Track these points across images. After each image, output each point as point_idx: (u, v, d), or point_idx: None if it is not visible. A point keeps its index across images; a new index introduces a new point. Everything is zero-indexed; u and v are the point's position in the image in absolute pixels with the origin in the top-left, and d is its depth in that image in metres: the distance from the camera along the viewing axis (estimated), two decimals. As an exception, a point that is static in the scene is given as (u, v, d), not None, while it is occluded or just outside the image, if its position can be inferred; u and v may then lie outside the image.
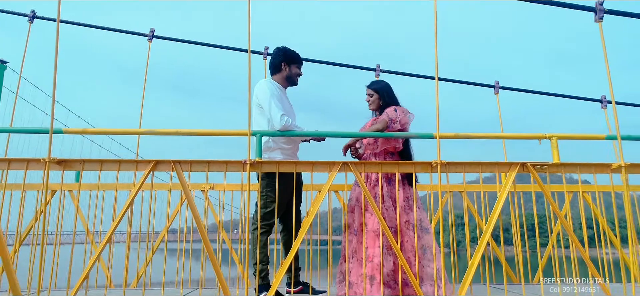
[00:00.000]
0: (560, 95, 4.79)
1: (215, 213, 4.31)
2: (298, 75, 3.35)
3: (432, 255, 2.93)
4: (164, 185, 3.89)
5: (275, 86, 3.22)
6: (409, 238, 2.96)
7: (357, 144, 3.28)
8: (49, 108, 4.07)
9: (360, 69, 5.19)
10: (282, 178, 2.99)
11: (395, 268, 2.93)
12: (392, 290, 2.90)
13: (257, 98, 3.17)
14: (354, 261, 3.00)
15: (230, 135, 3.12)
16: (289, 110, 3.18)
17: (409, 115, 3.23)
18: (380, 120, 3.13)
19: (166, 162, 2.88)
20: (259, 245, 2.94)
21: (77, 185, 3.65)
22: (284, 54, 3.30)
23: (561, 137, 3.13)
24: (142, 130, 3.50)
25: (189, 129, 3.14)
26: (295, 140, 3.21)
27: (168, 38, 4.83)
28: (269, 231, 3.08)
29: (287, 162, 2.98)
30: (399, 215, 2.95)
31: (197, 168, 2.91)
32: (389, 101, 3.28)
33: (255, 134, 2.97)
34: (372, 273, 2.88)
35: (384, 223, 2.83)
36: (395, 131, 3.14)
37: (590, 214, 4.37)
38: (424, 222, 3.04)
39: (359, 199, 3.08)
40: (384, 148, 3.16)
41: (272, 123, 3.05)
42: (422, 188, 3.97)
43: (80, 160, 2.90)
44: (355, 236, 3.05)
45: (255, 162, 2.86)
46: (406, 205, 3.03)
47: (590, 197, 4.35)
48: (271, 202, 3.04)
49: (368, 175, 3.10)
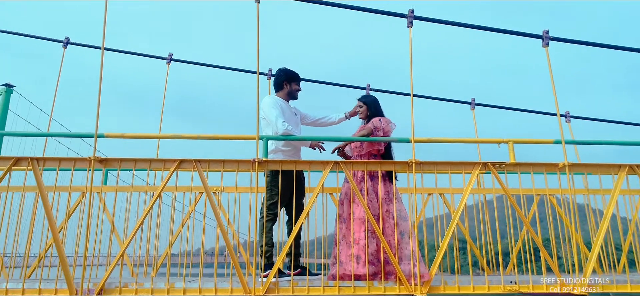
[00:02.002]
0: (525, 110, 5.44)
1: (225, 211, 4.90)
2: (297, 91, 4.00)
3: (409, 239, 3.51)
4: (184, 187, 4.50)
5: (278, 100, 3.87)
6: (389, 225, 3.55)
7: (346, 148, 3.91)
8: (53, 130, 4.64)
9: (353, 88, 5.87)
10: (284, 175, 3.60)
11: (378, 249, 3.51)
12: (375, 267, 3.48)
13: (263, 111, 3.81)
14: (343, 244, 3.58)
15: (242, 139, 3.74)
16: (290, 120, 3.82)
17: (391, 124, 3.87)
18: (366, 127, 3.77)
19: (188, 161, 3.50)
20: (265, 230, 3.53)
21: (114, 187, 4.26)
22: (285, 74, 3.96)
23: (516, 141, 3.75)
24: (164, 134, 4.12)
25: (208, 134, 3.76)
26: (295, 144, 3.84)
27: (185, 61, 5.52)
28: (274, 220, 3.67)
29: (289, 161, 3.60)
30: (381, 205, 3.55)
31: (214, 167, 3.53)
32: (374, 112, 3.92)
33: (262, 138, 3.60)
34: (358, 253, 3.47)
35: (368, 212, 3.43)
36: (379, 136, 3.77)
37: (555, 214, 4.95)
38: (402, 212, 3.63)
39: (347, 193, 3.69)
40: (369, 151, 3.78)
41: (275, 129, 3.68)
42: (410, 190, 4.57)
43: (118, 159, 3.52)
44: (344, 224, 3.64)
45: (262, 161, 3.48)
46: (387, 197, 3.64)
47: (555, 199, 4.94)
48: (275, 195, 3.64)
49: (355, 172, 3.71)
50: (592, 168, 3.75)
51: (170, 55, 5.51)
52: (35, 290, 3.25)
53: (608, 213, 3.61)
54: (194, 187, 4.50)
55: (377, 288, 3.37)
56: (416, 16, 3.72)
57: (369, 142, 3.75)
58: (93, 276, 3.35)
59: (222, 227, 3.48)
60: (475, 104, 5.48)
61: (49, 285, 3.31)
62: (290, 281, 3.39)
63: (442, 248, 3.47)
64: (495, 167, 3.64)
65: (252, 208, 3.56)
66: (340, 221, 3.69)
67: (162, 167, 3.52)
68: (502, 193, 3.83)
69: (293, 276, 3.67)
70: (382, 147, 3.83)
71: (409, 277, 3.36)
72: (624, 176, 3.66)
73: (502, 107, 5.55)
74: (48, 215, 3.32)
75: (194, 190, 4.61)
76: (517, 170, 3.68)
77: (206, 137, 3.72)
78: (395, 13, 3.70)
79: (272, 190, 3.66)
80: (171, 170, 3.47)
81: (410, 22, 3.69)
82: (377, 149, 3.80)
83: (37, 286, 3.27)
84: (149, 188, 4.00)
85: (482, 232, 4.54)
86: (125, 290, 3.29)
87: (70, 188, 3.63)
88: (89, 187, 3.35)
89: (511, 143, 3.72)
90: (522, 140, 3.85)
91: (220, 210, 4.84)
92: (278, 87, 3.99)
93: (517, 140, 3.76)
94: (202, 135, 3.70)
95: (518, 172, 3.70)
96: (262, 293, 3.26)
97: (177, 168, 3.49)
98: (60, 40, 5.45)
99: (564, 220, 4.23)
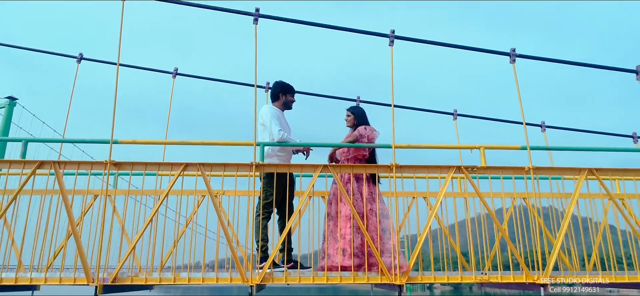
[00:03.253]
0: (503, 120, 5.88)
1: (225, 213, 5.30)
2: (292, 102, 4.45)
3: (390, 235, 3.92)
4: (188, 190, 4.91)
5: (275, 110, 4.31)
6: (372, 222, 3.96)
7: (336, 153, 4.34)
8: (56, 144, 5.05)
9: (345, 100, 6.33)
10: (278, 177, 4.02)
11: (363, 243, 3.92)
12: (360, 259, 3.89)
13: (261, 118, 4.25)
14: (331, 239, 3.99)
15: (241, 145, 4.16)
16: (285, 127, 4.25)
17: (374, 132, 4.30)
18: (353, 134, 4.21)
19: (193, 164, 3.92)
20: (261, 227, 3.95)
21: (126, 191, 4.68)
22: (281, 86, 4.41)
23: (487, 147, 4.18)
24: (170, 141, 4.55)
25: (210, 140, 4.19)
26: (288, 150, 4.27)
27: (190, 75, 5.98)
28: (268, 218, 4.08)
29: (283, 165, 4.03)
30: (365, 204, 3.97)
31: (216, 169, 3.95)
32: (360, 121, 4.36)
33: (259, 144, 4.03)
34: (345, 247, 3.88)
35: (354, 210, 3.84)
36: (364, 142, 4.21)
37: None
38: (384, 211, 4.05)
39: (335, 193, 4.11)
40: (355, 155, 4.22)
41: (272, 136, 4.12)
42: (390, 194, 4.99)
43: (130, 163, 3.94)
44: (332, 221, 4.05)
45: (259, 164, 3.90)
46: (370, 197, 4.06)
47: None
48: (270, 195, 4.06)
49: (342, 175, 4.14)
50: (555, 172, 4.18)
51: (175, 70, 5.96)
52: (56, 279, 3.66)
53: (568, 213, 4.02)
54: (198, 191, 4.91)
55: (361, 278, 3.78)
56: (397, 36, 4.18)
57: (355, 147, 4.18)
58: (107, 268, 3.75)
59: (223, 223, 3.89)
60: (457, 115, 5.93)
61: (68, 274, 3.71)
62: (283, 271, 3.79)
63: (419, 243, 3.87)
64: (468, 170, 4.06)
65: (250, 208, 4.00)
66: (328, 218, 4.10)
67: (170, 169, 3.94)
68: (475, 196, 4.25)
69: (286, 269, 4.07)
70: (367, 152, 4.26)
71: (390, 268, 3.75)
72: (584, 179, 4.08)
73: (481, 117, 5.99)
74: (68, 212, 3.73)
75: (197, 193, 5.02)
76: (488, 173, 4.11)
77: (209, 142, 4.15)
78: (378, 33, 4.16)
79: (267, 190, 4.08)
80: (178, 172, 3.89)
81: (392, 42, 4.15)
82: (362, 154, 4.24)
83: (57, 276, 3.67)
84: (156, 192, 4.42)
85: (468, 235, 4.94)
86: (136, 278, 3.69)
87: (87, 192, 4.06)
88: (104, 191, 3.77)
89: (482, 148, 4.15)
90: (493, 146, 4.28)
91: (221, 210, 5.25)
92: (274, 98, 4.44)
93: (488, 146, 4.19)
94: (206, 141, 4.13)
95: (488, 176, 4.12)
96: (258, 281, 3.66)
97: (183, 170, 3.91)
98: (74, 56, 5.91)
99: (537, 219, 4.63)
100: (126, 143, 4.03)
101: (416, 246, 3.86)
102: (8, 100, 6.68)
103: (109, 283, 3.62)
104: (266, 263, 3.79)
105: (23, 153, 4.08)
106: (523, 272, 3.88)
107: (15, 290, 4.35)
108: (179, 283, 3.68)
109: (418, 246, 3.86)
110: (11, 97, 6.75)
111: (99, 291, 3.59)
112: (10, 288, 3.86)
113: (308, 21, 4.25)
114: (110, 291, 3.75)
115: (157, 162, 3.96)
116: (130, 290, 3.88)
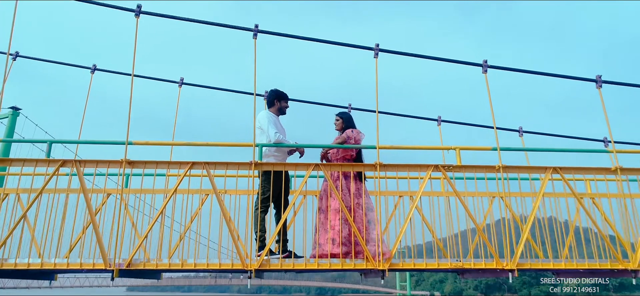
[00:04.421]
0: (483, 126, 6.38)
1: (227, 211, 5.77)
2: (286, 107, 4.95)
3: (375, 226, 4.39)
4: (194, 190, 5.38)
5: (271, 115, 4.81)
6: (358, 215, 4.44)
7: (328, 153, 4.83)
8: (57, 152, 5.55)
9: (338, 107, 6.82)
10: (275, 174, 4.50)
11: (350, 233, 4.39)
12: (348, 247, 4.35)
13: (259, 122, 4.74)
14: (322, 230, 4.46)
15: (242, 146, 4.65)
16: (281, 130, 4.75)
17: (360, 134, 4.79)
18: (341, 137, 4.70)
19: (199, 163, 4.39)
20: (260, 219, 4.42)
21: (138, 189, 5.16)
22: (276, 94, 4.92)
23: (462, 148, 4.66)
24: (177, 142, 5.04)
25: (213, 142, 4.68)
26: (284, 150, 4.75)
27: (196, 84, 6.48)
28: (266, 211, 4.56)
29: (279, 163, 4.51)
30: (352, 199, 4.44)
31: (220, 167, 4.42)
32: (348, 125, 4.86)
33: (258, 145, 4.51)
34: (334, 236, 4.35)
35: (342, 204, 4.32)
36: (351, 144, 4.70)
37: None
38: (370, 205, 4.53)
39: (325, 190, 4.58)
40: (343, 156, 4.71)
41: (269, 138, 4.61)
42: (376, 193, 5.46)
43: (143, 162, 4.42)
44: (322, 214, 4.53)
45: (258, 163, 4.38)
46: (357, 193, 4.53)
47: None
48: (267, 191, 4.53)
49: (332, 172, 4.62)
50: (523, 170, 4.66)
51: (181, 79, 6.47)
52: (77, 264, 4.12)
53: (535, 207, 4.48)
54: (203, 190, 5.39)
55: (348, 264, 4.24)
56: (381, 49, 4.68)
57: (344, 148, 4.67)
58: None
59: (226, 215, 4.36)
60: (441, 121, 6.43)
61: (88, 260, 4.17)
62: (279, 258, 4.26)
63: (403, 229, 4.34)
64: (445, 168, 4.54)
65: (249, 204, 4.48)
66: (319, 212, 4.58)
67: (178, 168, 4.42)
68: (453, 195, 4.71)
69: (281, 257, 4.54)
70: (354, 153, 4.75)
71: (374, 255, 4.22)
72: (549, 176, 4.55)
73: (462, 123, 6.49)
74: (88, 206, 4.21)
75: (202, 192, 5.49)
76: (462, 171, 4.59)
77: (212, 144, 4.64)
78: (363, 46, 4.66)
79: (265, 187, 4.56)
80: (185, 170, 4.37)
81: (376, 54, 4.65)
82: (350, 154, 4.73)
83: (78, 261, 4.14)
84: (165, 191, 4.89)
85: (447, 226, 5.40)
86: (148, 264, 4.15)
87: (105, 190, 4.53)
88: (120, 190, 4.24)
89: (458, 150, 4.63)
90: (467, 147, 4.76)
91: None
92: (270, 104, 4.94)
93: (463, 147, 4.67)
94: (210, 142, 4.62)
95: (463, 174, 4.60)
96: (257, 266, 4.12)
97: (190, 168, 4.39)
98: (88, 67, 6.41)
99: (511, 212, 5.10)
100: (139, 144, 4.51)
101: (398, 236, 4.32)
102: (11, 110, 7.11)
103: (124, 267, 4.08)
104: (264, 251, 4.26)
105: (48, 153, 4.56)
106: (493, 259, 4.34)
107: (38, 275, 4.82)
108: (186, 268, 4.15)
109: (399, 236, 4.32)
110: (14, 107, 7.16)
111: (115, 275, 4.05)
112: (34, 273, 4.33)
113: (300, 36, 4.75)
114: (125, 275, 4.22)
115: (167, 161, 4.44)
116: (142, 275, 4.35)
